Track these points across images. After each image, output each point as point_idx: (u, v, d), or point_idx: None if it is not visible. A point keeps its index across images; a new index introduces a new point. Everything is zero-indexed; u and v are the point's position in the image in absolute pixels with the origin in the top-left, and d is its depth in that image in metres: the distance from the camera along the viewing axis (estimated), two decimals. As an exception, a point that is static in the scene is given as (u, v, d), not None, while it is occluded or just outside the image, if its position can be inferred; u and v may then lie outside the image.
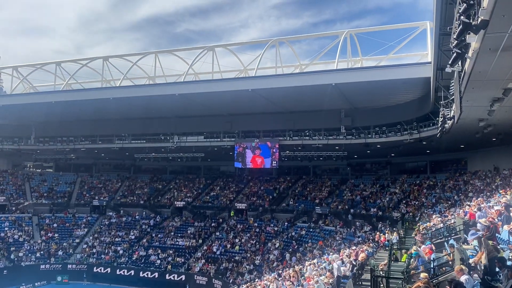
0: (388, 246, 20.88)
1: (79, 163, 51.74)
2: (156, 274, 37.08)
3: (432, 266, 12.28)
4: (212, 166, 52.27)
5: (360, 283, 15.65)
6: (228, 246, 38.70)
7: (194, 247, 39.95)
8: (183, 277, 36.19)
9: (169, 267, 37.41)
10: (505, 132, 23.20)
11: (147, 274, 37.08)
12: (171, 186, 50.89)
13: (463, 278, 8.87)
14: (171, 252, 39.48)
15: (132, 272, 37.75)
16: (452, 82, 17.16)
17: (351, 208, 38.68)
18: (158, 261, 38.69)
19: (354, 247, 23.84)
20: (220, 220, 43.86)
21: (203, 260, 37.39)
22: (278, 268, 29.60)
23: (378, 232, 29.03)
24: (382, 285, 12.41)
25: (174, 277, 36.29)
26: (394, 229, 27.41)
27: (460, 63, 13.15)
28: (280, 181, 47.55)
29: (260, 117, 38.78)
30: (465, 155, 35.06)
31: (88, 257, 40.12)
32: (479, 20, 9.25)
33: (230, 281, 32.38)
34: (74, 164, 51.57)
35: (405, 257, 16.09)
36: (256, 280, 27.07)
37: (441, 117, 20.92)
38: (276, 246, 36.27)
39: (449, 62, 12.52)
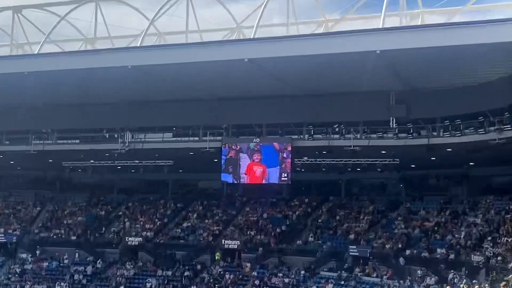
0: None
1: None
2: None
3: None
4: (186, 181, 51.93)
5: None
6: (211, 310, 38.05)
7: (157, 312, 39.38)
8: None
9: None
10: None
11: None
12: (121, 213, 50.35)
13: None
14: (120, 319, 39.15)
15: None
16: None
17: (406, 248, 38.77)
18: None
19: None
20: (198, 267, 43.20)
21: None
22: None
23: (449, 287, 29.55)
24: None
25: None
26: (474, 282, 27.74)
27: None
28: (294, 205, 46.72)
29: (263, 104, 38.61)
30: None
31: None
32: None
33: None
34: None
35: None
36: None
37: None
38: (288, 311, 35.60)
39: None
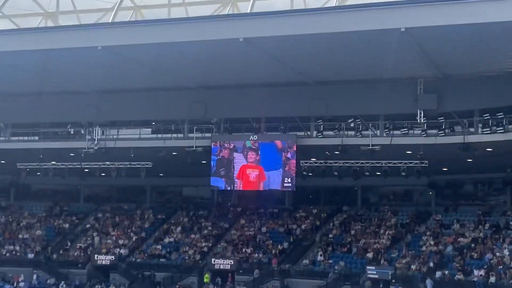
0: None
1: None
2: None
3: None
4: (168, 187, 51.75)
5: None
6: None
7: None
8: None
9: None
10: None
11: None
12: (89, 225, 50.30)
13: None
14: None
15: None
16: None
17: (436, 270, 38.07)
18: None
19: None
20: (183, 291, 43.22)
21: None
22: None
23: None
24: None
25: None
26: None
27: None
28: (299, 217, 46.26)
29: (262, 94, 37.88)
30: None
31: None
32: None
33: None
34: None
35: None
36: None
37: None
38: None
39: None
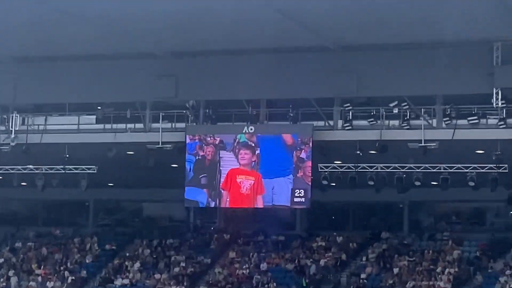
0: None
1: None
2: None
3: None
4: (121, 204, 48.86)
5: None
6: None
7: None
8: None
9: None
10: None
11: None
12: (1, 261, 48.33)
13: None
14: None
15: None
16: None
17: None
18: None
19: None
20: None
21: None
22: None
23: None
24: None
25: None
26: None
27: None
28: (317, 248, 43.06)
29: (261, 64, 34.50)
30: None
31: None
32: None
33: None
34: None
35: None
36: None
37: None
38: None
39: None
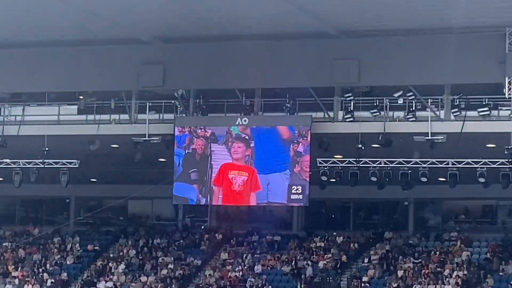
0: None
1: None
2: None
3: None
4: (104, 201, 47.93)
5: None
6: None
7: None
8: None
9: None
10: None
11: None
12: None
13: None
14: None
15: None
16: None
17: None
18: None
19: None
20: None
21: None
22: None
23: None
24: None
25: None
26: None
27: None
28: (316, 248, 42.41)
29: (256, 51, 34.14)
30: None
31: None
32: None
33: None
34: None
35: None
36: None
37: None
38: None
39: None
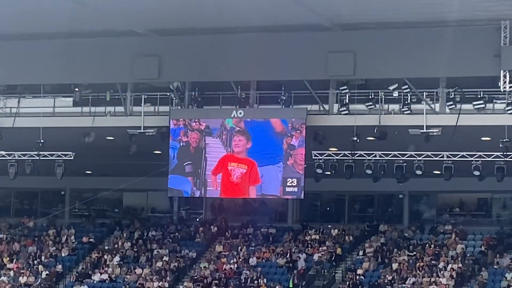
0: None
1: None
2: None
3: None
4: (99, 193, 48.61)
5: None
6: None
7: None
8: None
9: None
10: None
11: None
12: None
13: None
14: None
15: None
16: None
17: None
18: None
19: None
20: None
21: None
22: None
23: None
24: None
25: None
26: None
27: None
28: (310, 241, 42.88)
29: (251, 44, 34.24)
30: None
31: None
32: None
33: None
34: None
35: None
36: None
37: None
38: None
39: None
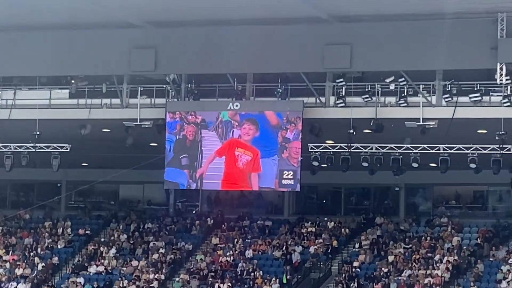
0: None
1: None
2: None
3: None
4: (95, 185, 47.76)
5: None
6: None
7: None
8: None
9: None
10: None
11: None
12: None
13: None
14: None
15: None
16: None
17: None
18: None
19: None
20: None
21: None
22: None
23: None
24: None
25: None
26: None
27: None
28: (306, 234, 42.92)
29: (248, 36, 34.41)
30: None
31: None
32: None
33: None
34: None
35: None
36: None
37: None
38: None
39: None
